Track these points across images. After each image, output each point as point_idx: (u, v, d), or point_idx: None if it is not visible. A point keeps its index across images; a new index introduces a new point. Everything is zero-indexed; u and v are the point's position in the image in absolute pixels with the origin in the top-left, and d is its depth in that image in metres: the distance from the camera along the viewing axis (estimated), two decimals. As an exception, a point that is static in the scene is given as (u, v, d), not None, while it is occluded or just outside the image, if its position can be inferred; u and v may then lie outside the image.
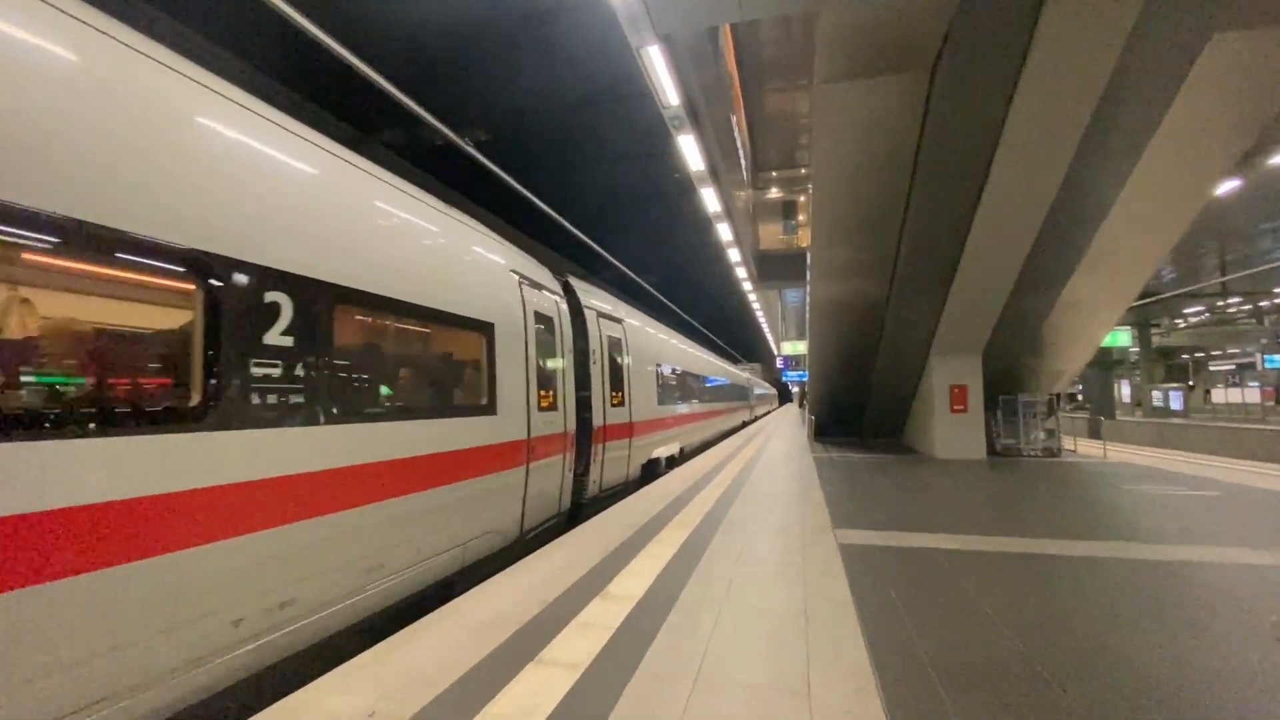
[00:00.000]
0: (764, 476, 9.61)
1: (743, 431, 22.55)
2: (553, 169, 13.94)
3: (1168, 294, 22.27)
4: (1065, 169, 9.11)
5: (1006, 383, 13.66)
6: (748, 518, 6.31)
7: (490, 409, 4.90)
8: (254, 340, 2.77)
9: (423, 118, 6.80)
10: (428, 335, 4.40)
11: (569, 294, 7.54)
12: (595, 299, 8.36)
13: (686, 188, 13.62)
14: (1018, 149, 8.77)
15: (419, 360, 4.50)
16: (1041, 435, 13.00)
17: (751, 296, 24.42)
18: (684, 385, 13.81)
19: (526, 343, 5.53)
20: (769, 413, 46.39)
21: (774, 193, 24.26)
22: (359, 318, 3.67)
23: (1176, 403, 34.56)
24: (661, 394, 11.16)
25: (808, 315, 16.18)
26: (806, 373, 33.49)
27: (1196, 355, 41.03)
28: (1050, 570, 4.56)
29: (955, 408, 12.56)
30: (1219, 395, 34.56)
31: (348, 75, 5.78)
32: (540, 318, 5.98)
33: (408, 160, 10.96)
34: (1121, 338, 22.38)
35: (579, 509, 7.15)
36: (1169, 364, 42.56)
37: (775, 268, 21.81)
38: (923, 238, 10.69)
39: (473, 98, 10.25)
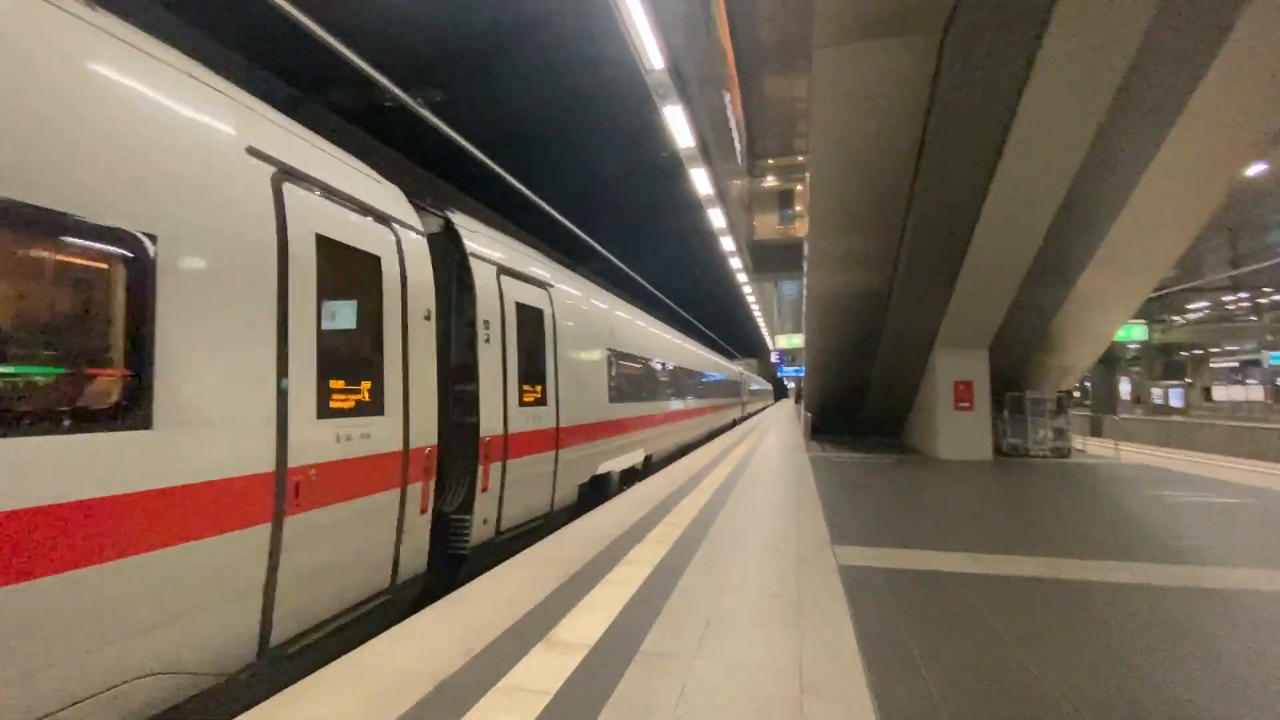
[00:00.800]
0: (755, 480, 8.85)
1: (735, 429, 21.81)
2: (526, 140, 12.92)
3: (1174, 288, 21.59)
4: (1086, 149, 8.35)
5: (1012, 379, 12.95)
6: (735, 532, 5.54)
7: (139, 418, 2.32)
8: None
9: (366, 74, 5.96)
10: None
11: (451, 239, 5.19)
12: (500, 249, 5.85)
13: (675, 168, 12.79)
14: (1036, 125, 8.01)
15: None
16: (1050, 435, 12.28)
17: (747, 289, 23.65)
18: (652, 378, 11.57)
19: (286, 290, 3.01)
20: (763, 409, 45.78)
21: (770, 181, 23.51)
22: None
23: (1177, 399, 34.07)
24: (617, 389, 8.87)
25: (804, 308, 15.43)
26: (803, 368, 32.83)
27: (1196, 352, 40.51)
28: (1094, 604, 3.80)
29: (960, 405, 11.82)
30: (1220, 393, 34.07)
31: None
32: (336, 254, 3.41)
33: (359, 125, 9.90)
34: (1136, 332, 21.67)
35: (458, 561, 4.85)
36: (1168, 360, 42.05)
37: (771, 258, 21.01)
38: (929, 224, 9.92)
39: (427, 50, 9.10)
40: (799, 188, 23.11)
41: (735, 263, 18.46)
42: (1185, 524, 6.15)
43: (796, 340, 19.02)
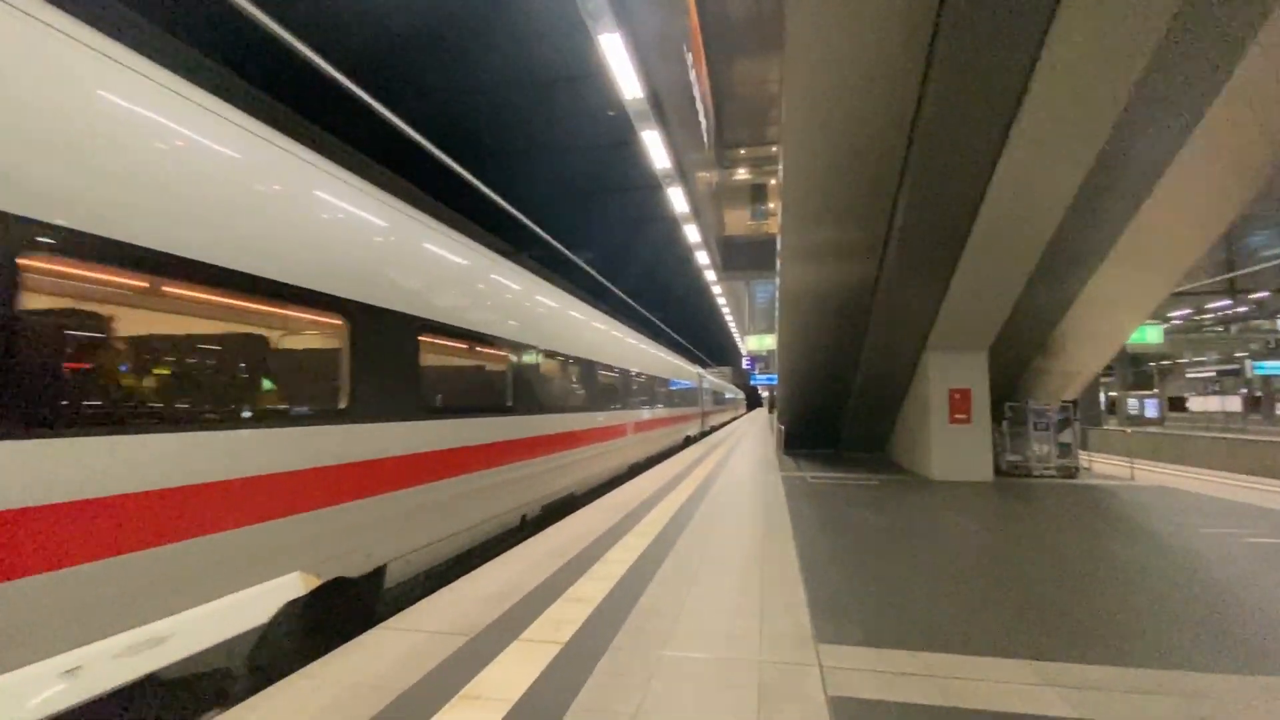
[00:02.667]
0: (714, 513, 6.96)
1: (702, 441, 19.94)
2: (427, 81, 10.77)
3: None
4: (1110, 124, 6.74)
5: (1006, 387, 11.38)
6: (667, 621, 3.61)
7: None
8: None
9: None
10: None
11: None
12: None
13: (625, 135, 10.92)
14: (1053, 90, 6.37)
15: None
16: (1054, 451, 10.69)
17: (717, 289, 21.94)
18: (488, 381, 6.25)
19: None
20: (734, 419, 44.09)
21: (742, 174, 21.90)
22: None
23: (1152, 411, 33.42)
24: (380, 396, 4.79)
25: (777, 308, 13.69)
26: (775, 376, 31.20)
27: (1168, 362, 40.22)
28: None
29: (955, 417, 10.15)
30: (1197, 404, 33.57)
31: None
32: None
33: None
34: (1152, 334, 20.44)
35: None
36: (1137, 370, 41.70)
37: (742, 256, 19.38)
38: (923, 209, 8.25)
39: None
40: (772, 182, 21.59)
41: (703, 259, 16.70)
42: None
43: (769, 341, 17.28)
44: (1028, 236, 8.21)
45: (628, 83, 7.79)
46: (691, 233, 15.40)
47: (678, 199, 12.86)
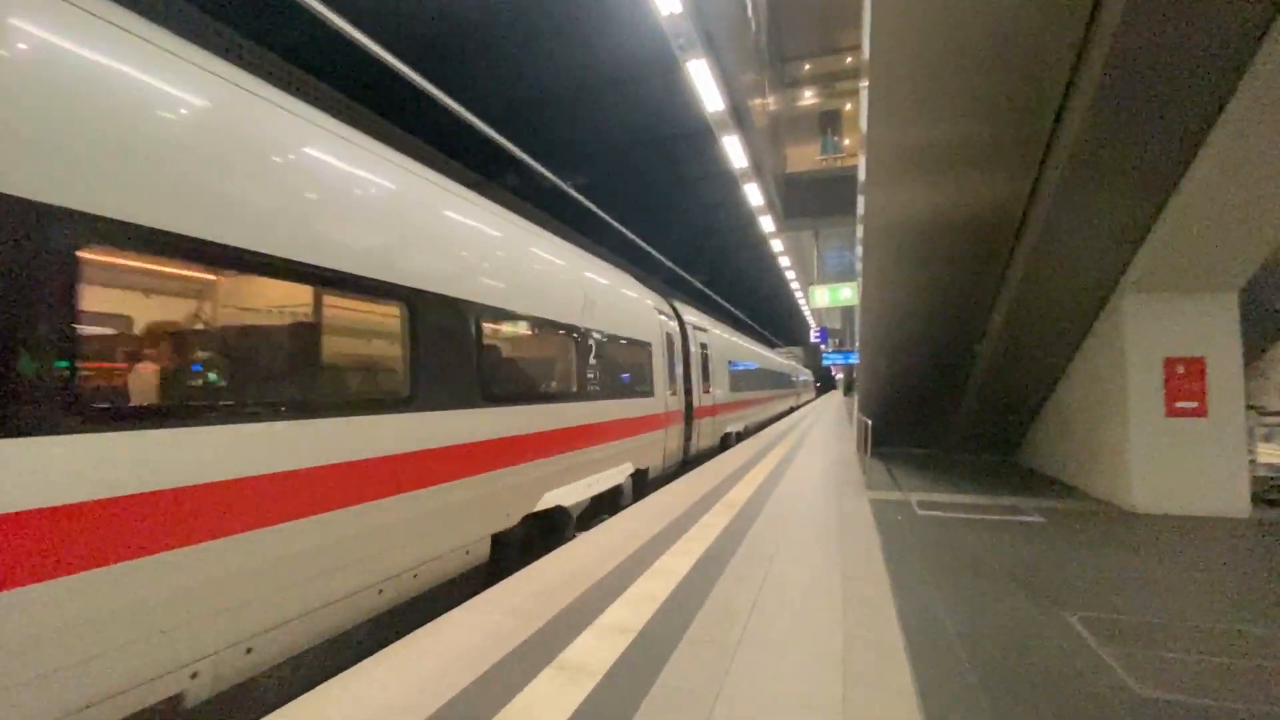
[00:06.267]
0: (732, 609, 3.40)
1: (760, 434, 16.05)
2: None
3: None
4: None
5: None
6: None
7: None
8: None
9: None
10: None
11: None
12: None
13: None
14: None
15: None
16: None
17: (777, 246, 17.80)
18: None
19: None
20: (806, 404, 39.43)
21: (807, 97, 17.59)
22: None
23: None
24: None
25: (859, 257, 9.64)
26: (852, 354, 26.45)
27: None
28: None
29: (1179, 405, 5.97)
30: None
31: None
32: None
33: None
34: None
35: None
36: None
37: (809, 199, 15.19)
38: (1129, 76, 4.23)
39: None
40: (848, 106, 17.12)
41: (754, 196, 12.68)
42: None
43: (845, 295, 13.10)
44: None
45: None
46: (752, 195, 11.69)
47: (733, 147, 9.55)
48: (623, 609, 3.46)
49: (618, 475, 6.72)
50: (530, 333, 5.26)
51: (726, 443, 12.89)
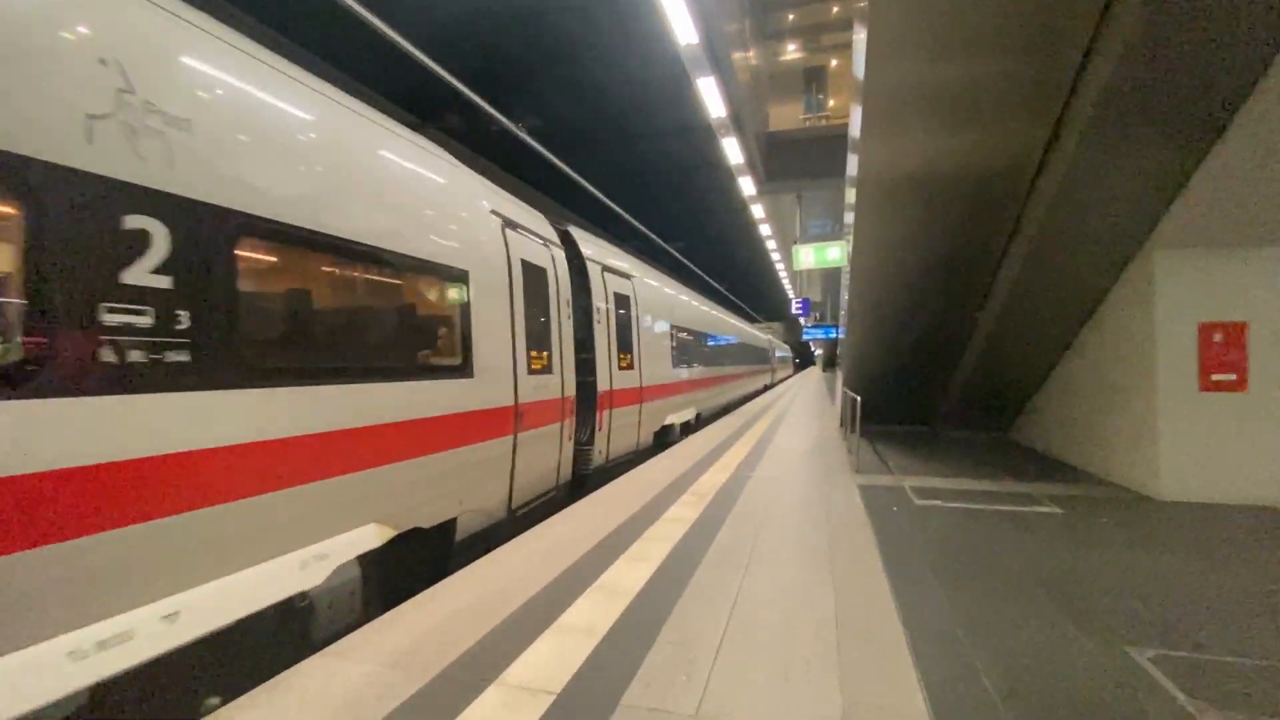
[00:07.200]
0: (702, 627, 2.47)
1: (738, 411, 15.20)
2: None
3: None
4: None
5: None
6: None
7: None
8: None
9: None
10: None
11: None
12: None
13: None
14: None
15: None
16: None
17: (758, 212, 16.77)
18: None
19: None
20: (785, 380, 38.92)
21: (790, 51, 16.45)
22: None
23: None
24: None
25: (850, 220, 8.63)
26: (834, 328, 25.69)
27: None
28: None
29: (1214, 378, 5.18)
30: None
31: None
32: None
33: None
34: None
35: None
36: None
37: (791, 159, 14.15)
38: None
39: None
40: (835, 62, 15.99)
41: (734, 154, 11.59)
42: None
43: (832, 255, 12.11)
44: None
45: None
46: (730, 149, 10.54)
47: (708, 89, 8.38)
48: (548, 649, 2.51)
49: (308, 564, 2.79)
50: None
51: (668, 437, 9.35)
